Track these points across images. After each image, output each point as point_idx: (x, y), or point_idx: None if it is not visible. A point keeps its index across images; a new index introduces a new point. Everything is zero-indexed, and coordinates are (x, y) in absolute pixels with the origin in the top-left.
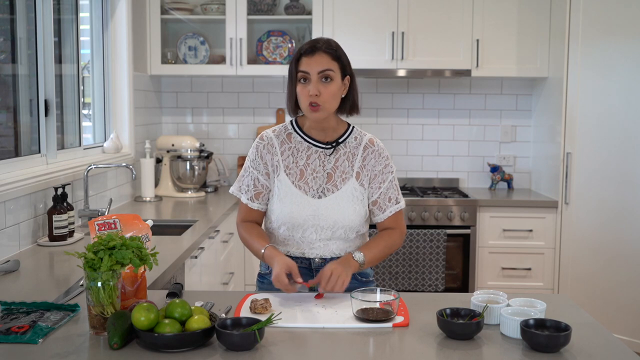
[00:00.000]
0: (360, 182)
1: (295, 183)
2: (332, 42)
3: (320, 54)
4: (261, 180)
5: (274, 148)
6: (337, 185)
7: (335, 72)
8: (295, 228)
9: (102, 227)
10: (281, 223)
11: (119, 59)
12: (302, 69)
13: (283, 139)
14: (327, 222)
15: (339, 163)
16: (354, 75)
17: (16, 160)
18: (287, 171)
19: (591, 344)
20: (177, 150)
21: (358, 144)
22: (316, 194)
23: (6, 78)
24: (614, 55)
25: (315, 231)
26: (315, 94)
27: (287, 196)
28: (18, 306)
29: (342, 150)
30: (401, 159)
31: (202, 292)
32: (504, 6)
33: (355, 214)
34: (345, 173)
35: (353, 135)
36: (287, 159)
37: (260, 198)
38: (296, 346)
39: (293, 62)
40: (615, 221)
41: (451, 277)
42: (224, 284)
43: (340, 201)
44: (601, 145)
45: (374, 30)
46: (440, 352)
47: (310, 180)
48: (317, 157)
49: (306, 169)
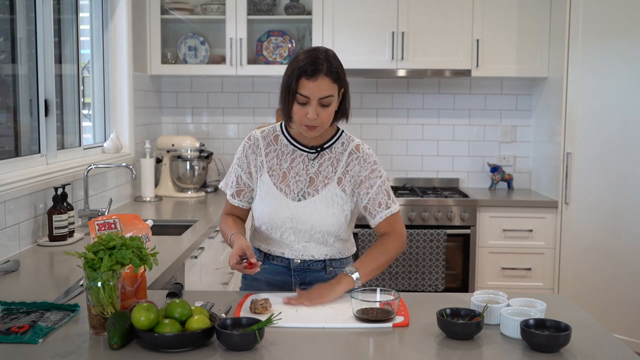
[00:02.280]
0: (342, 187)
1: (276, 185)
2: (333, 60)
3: (322, 78)
4: (244, 179)
5: (259, 149)
6: (318, 190)
7: (334, 95)
8: (274, 229)
9: (102, 227)
10: (262, 222)
11: (119, 59)
12: (303, 93)
13: (270, 140)
14: (305, 226)
15: (322, 168)
16: (348, 85)
17: (16, 160)
18: (270, 172)
19: (591, 344)
20: (177, 150)
21: (344, 150)
22: (296, 197)
23: (6, 78)
24: (614, 56)
25: (294, 233)
26: (315, 118)
27: (268, 197)
28: (18, 306)
29: (327, 155)
30: (401, 159)
31: (202, 292)
32: (504, 6)
33: (333, 219)
34: (328, 178)
35: (340, 140)
36: (272, 161)
37: (242, 195)
38: (296, 346)
39: (293, 80)
40: (615, 221)
41: (451, 277)
42: (224, 284)
43: (319, 205)
44: (601, 145)
45: (374, 30)
46: (440, 352)
47: (292, 183)
48: (301, 161)
49: (289, 171)
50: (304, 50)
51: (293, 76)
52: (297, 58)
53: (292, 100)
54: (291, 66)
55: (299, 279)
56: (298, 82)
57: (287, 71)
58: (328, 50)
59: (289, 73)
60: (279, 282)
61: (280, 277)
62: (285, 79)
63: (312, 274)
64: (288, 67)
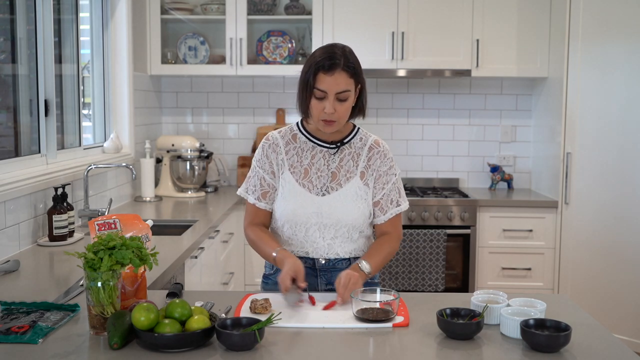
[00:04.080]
0: (364, 181)
1: (299, 181)
2: (349, 55)
3: (340, 72)
4: (267, 179)
5: (279, 147)
6: (341, 184)
7: (351, 90)
8: (298, 226)
9: (102, 227)
10: (285, 221)
11: (119, 59)
12: (320, 88)
13: (288, 139)
14: (331, 220)
15: (343, 162)
16: (365, 81)
17: (16, 160)
18: (292, 170)
19: (591, 344)
20: (177, 150)
21: (363, 145)
22: (320, 192)
23: (6, 78)
24: (614, 55)
25: (319, 229)
26: (332, 112)
27: (291, 194)
28: (18, 306)
29: (347, 150)
30: (401, 159)
31: (202, 292)
32: (504, 6)
33: (358, 212)
34: (350, 172)
35: (358, 136)
36: (292, 158)
37: (267, 197)
38: (296, 346)
39: (310, 75)
40: (615, 221)
41: (451, 277)
42: (224, 284)
43: (344, 199)
44: (601, 145)
45: (374, 30)
46: (440, 352)
47: (315, 178)
48: (321, 157)
49: (310, 167)
50: (321, 46)
51: (310, 71)
52: (314, 54)
53: (309, 95)
54: (309, 62)
55: (325, 279)
56: (315, 76)
57: (304, 67)
58: (345, 46)
59: (306, 69)
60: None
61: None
62: (302, 75)
63: (338, 273)
64: (305, 63)
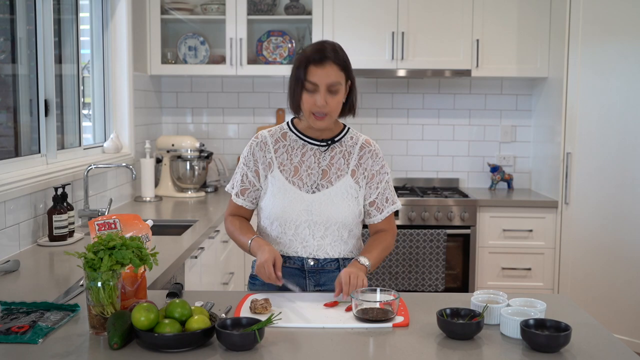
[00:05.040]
0: (355, 179)
1: (289, 179)
2: (339, 50)
3: (330, 64)
4: (249, 177)
5: (267, 146)
6: (332, 182)
7: (342, 83)
8: (287, 224)
9: (102, 227)
10: (274, 219)
11: (119, 59)
12: (312, 80)
13: (278, 137)
14: (321, 218)
15: (334, 160)
16: (355, 78)
17: (16, 160)
18: (281, 168)
19: (591, 344)
20: (177, 150)
21: (354, 143)
22: (310, 190)
23: (6, 78)
24: (614, 55)
25: (309, 227)
26: (323, 105)
27: (280, 192)
28: (18, 306)
29: (338, 148)
30: (401, 159)
31: (202, 292)
32: (504, 6)
33: (349, 210)
34: (341, 170)
35: (349, 135)
36: (281, 156)
37: (246, 195)
38: (296, 346)
39: (301, 69)
40: (615, 221)
41: (451, 277)
42: (224, 284)
43: (334, 197)
44: (601, 145)
45: (374, 30)
46: (440, 352)
47: (305, 176)
48: (312, 155)
49: (301, 165)
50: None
51: (301, 66)
52: (305, 50)
53: (300, 89)
54: (299, 58)
55: (313, 280)
56: (306, 70)
57: (295, 63)
58: (335, 43)
59: (297, 64)
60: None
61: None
62: (293, 71)
63: (327, 274)
64: (295, 60)
